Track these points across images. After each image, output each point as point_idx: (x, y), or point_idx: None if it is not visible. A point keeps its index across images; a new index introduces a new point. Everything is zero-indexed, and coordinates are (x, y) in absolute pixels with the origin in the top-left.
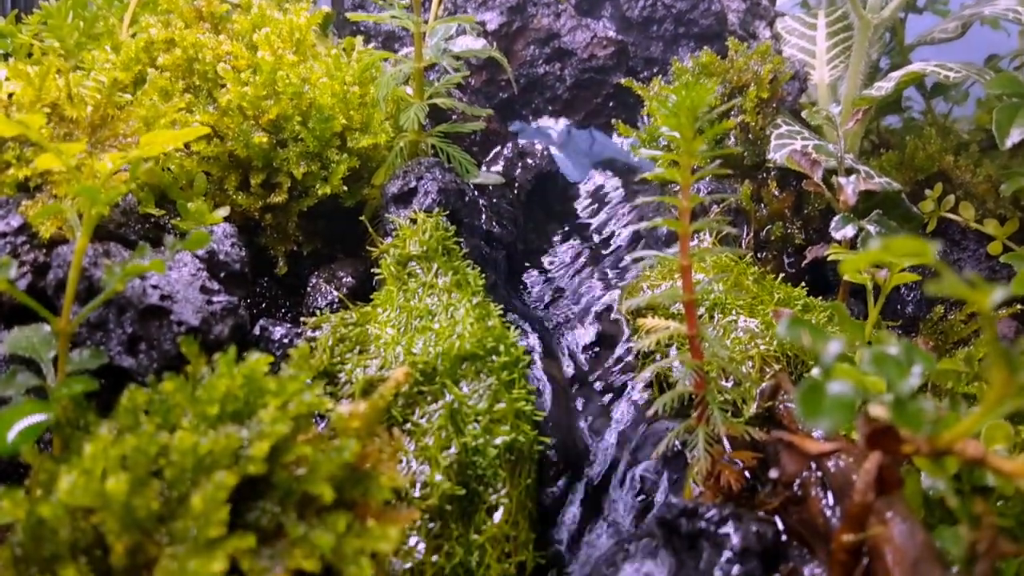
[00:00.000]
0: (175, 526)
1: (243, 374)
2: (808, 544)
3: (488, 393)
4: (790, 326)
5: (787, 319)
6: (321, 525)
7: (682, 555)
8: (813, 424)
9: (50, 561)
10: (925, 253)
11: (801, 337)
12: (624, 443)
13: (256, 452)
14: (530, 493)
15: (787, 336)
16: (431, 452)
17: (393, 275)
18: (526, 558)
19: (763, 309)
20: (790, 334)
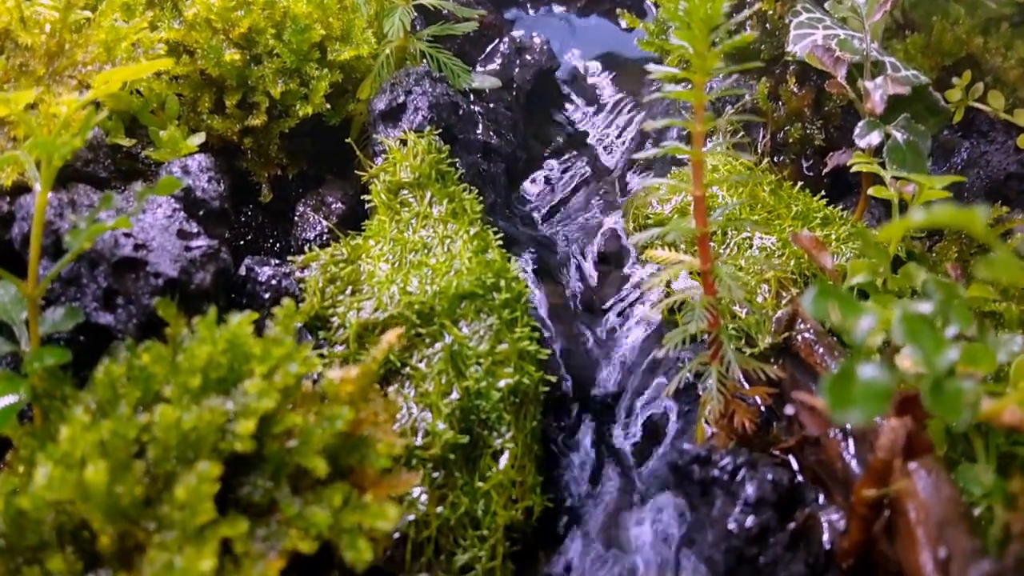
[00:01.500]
0: (162, 511)
1: (225, 338)
2: (825, 486)
3: (489, 334)
4: (816, 300)
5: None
6: (316, 501)
7: (694, 501)
8: (842, 417)
9: (36, 550)
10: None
11: (829, 312)
12: (631, 372)
13: (242, 430)
14: (536, 436)
15: (813, 311)
16: (432, 399)
17: (384, 204)
18: (533, 503)
19: (780, 224)
20: (816, 308)
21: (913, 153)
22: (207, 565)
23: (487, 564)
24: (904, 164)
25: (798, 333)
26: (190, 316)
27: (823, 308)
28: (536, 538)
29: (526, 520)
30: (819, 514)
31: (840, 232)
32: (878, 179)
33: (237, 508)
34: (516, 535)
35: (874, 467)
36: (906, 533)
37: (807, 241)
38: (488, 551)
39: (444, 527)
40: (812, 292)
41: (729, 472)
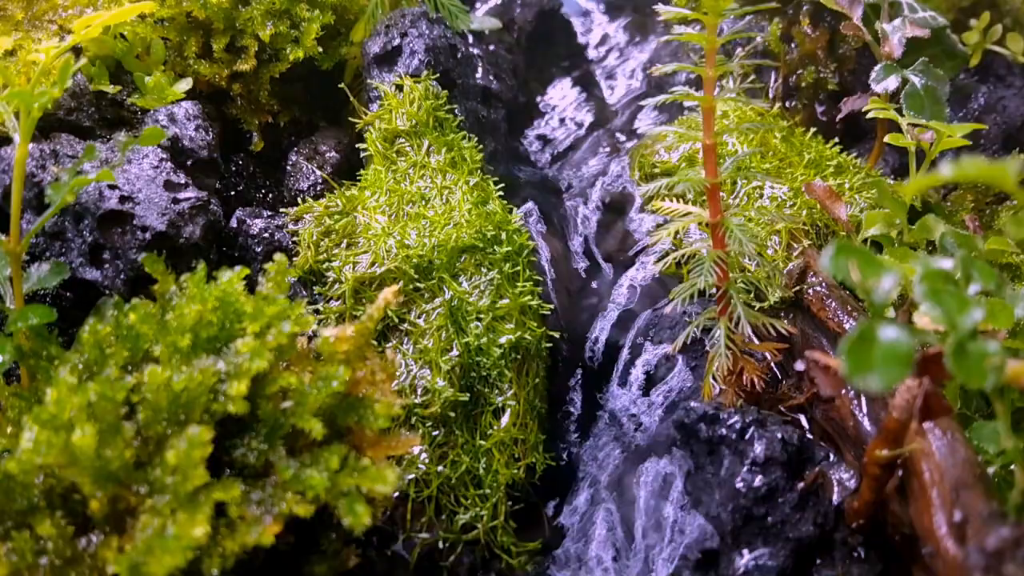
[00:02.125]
0: (154, 475)
1: (216, 296)
2: (835, 444)
3: (490, 288)
4: (836, 257)
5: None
6: (313, 463)
7: (700, 459)
8: (862, 383)
9: (25, 514)
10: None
11: (848, 270)
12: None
13: (235, 391)
14: (538, 392)
15: (831, 269)
16: (431, 355)
17: (380, 153)
18: (536, 461)
19: (791, 173)
20: (835, 266)
21: (931, 99)
22: (200, 531)
23: (489, 523)
24: (922, 110)
25: (809, 287)
26: (179, 271)
27: (842, 265)
28: (538, 496)
29: (528, 478)
30: (829, 473)
31: (854, 181)
32: (894, 126)
33: (231, 470)
34: (518, 493)
35: (888, 427)
36: (920, 495)
37: (821, 191)
38: (489, 510)
39: (445, 486)
40: (831, 249)
41: (737, 431)
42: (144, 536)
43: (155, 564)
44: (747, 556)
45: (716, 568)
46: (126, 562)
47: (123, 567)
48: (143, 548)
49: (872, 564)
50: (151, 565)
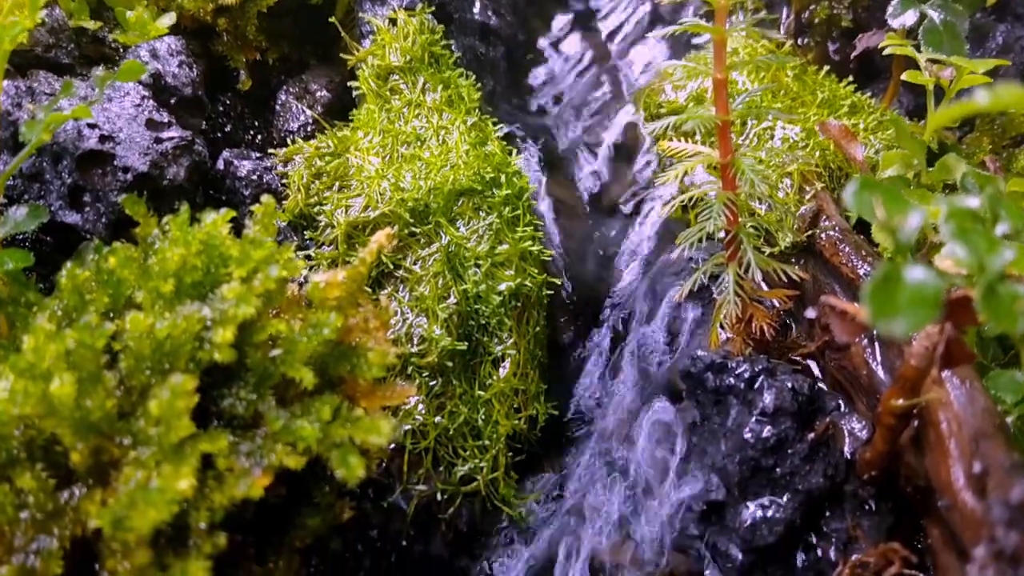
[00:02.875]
0: (137, 425)
1: (199, 239)
2: (847, 393)
3: (489, 233)
4: (859, 193)
5: (855, 184)
6: (304, 413)
7: (707, 409)
8: (887, 327)
9: (4, 466)
10: None
11: (872, 207)
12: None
13: (221, 339)
14: (539, 341)
15: (854, 205)
16: (427, 303)
17: (373, 91)
18: (537, 411)
19: (804, 112)
20: (858, 203)
21: (950, 35)
22: (184, 484)
23: (488, 475)
24: (941, 46)
25: (822, 231)
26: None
27: (865, 202)
28: (540, 446)
29: (529, 429)
30: (840, 423)
31: (869, 121)
32: (911, 63)
33: (219, 421)
34: (519, 445)
35: (905, 375)
36: (937, 445)
37: (836, 131)
38: (489, 461)
39: (443, 437)
40: (853, 184)
41: (746, 380)
42: (127, 489)
43: (138, 518)
44: (754, 508)
45: (722, 520)
46: (109, 516)
47: (105, 521)
48: (126, 501)
49: (883, 516)
50: (134, 519)
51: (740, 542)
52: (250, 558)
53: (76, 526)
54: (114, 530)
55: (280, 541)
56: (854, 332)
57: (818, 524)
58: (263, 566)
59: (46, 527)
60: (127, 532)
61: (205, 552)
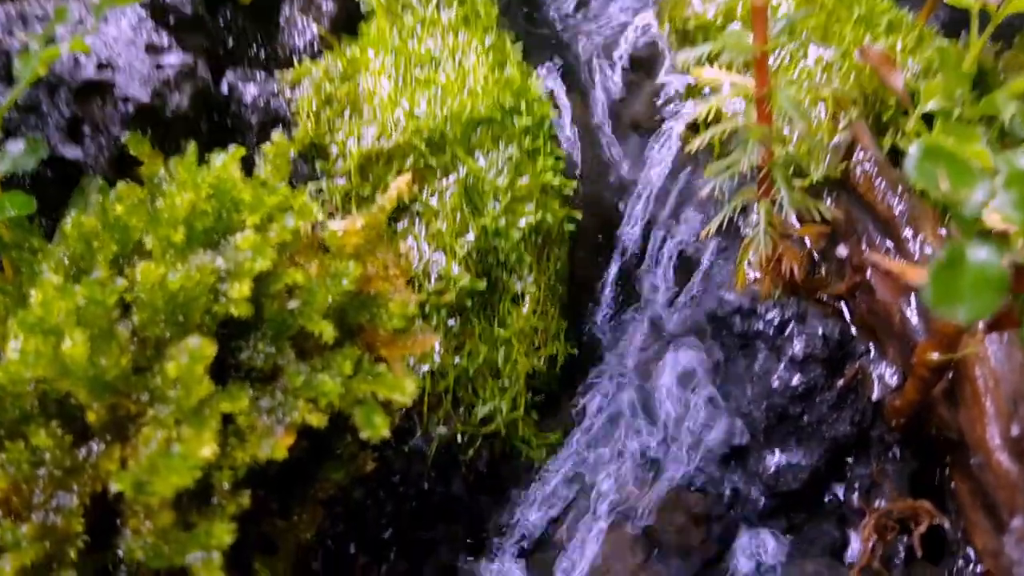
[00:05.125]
0: (154, 382)
1: (210, 183)
2: (877, 338)
3: (509, 165)
4: (922, 161)
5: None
6: (325, 367)
7: (732, 352)
8: (949, 313)
9: (18, 423)
10: None
11: (935, 178)
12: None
13: (237, 294)
14: (560, 277)
15: (916, 175)
16: (445, 239)
17: (383, 6)
18: (557, 350)
19: (839, 30)
20: (921, 173)
21: None
22: (208, 451)
23: (508, 415)
24: None
25: (856, 164)
26: (167, 146)
27: (929, 172)
28: (560, 386)
29: (549, 369)
30: (869, 368)
31: (907, 41)
32: None
33: (237, 373)
34: (538, 384)
35: (943, 330)
36: (972, 402)
37: (876, 57)
38: (509, 401)
39: (462, 378)
40: (916, 151)
41: (775, 326)
42: (147, 452)
43: (160, 483)
44: (778, 455)
45: (745, 464)
46: (130, 480)
47: (127, 484)
48: (147, 466)
49: (907, 462)
50: (156, 484)
51: (763, 487)
52: (273, 512)
53: (96, 482)
54: (136, 494)
55: (303, 494)
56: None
57: (842, 469)
58: (287, 519)
59: (65, 484)
60: (149, 496)
61: (229, 512)
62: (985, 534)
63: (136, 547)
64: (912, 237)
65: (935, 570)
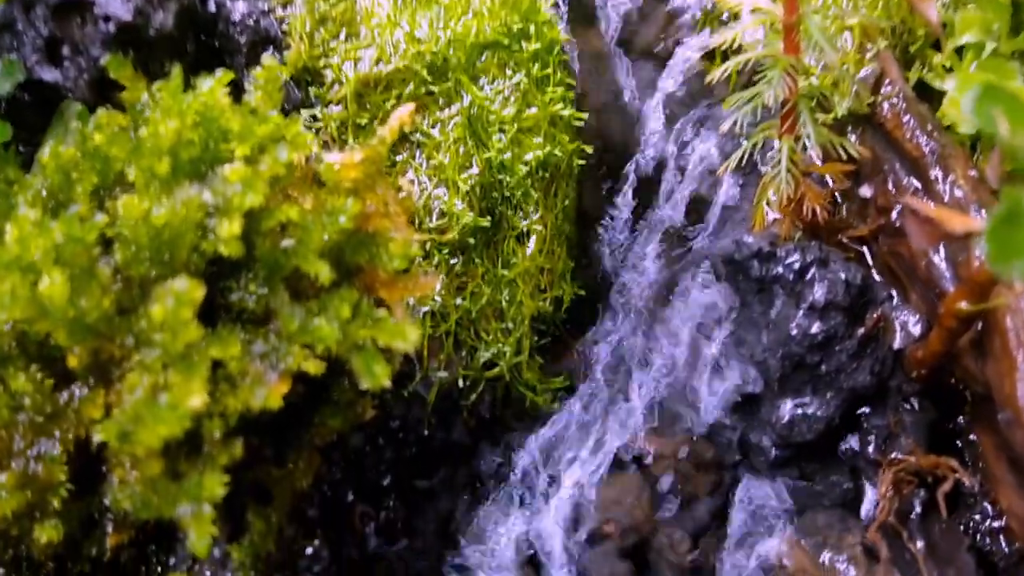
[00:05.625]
0: (139, 325)
1: (196, 110)
2: (900, 282)
3: (516, 94)
4: (980, 102)
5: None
6: (321, 310)
7: (747, 297)
8: (1007, 272)
9: None
10: None
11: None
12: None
13: (226, 233)
14: (567, 215)
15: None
16: (447, 173)
17: None
18: (563, 292)
19: None
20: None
21: None
22: (197, 401)
23: (512, 359)
24: None
25: (884, 99)
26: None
27: (987, 113)
28: (566, 328)
29: (555, 311)
30: (891, 315)
31: None
32: None
33: (228, 315)
34: (544, 326)
35: (975, 279)
36: (1002, 355)
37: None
38: (513, 345)
39: (464, 320)
40: (974, 92)
41: (796, 271)
42: (133, 400)
43: (147, 434)
44: (793, 404)
45: (757, 413)
46: (114, 429)
47: (111, 434)
48: (132, 415)
49: (926, 412)
50: (142, 434)
51: (776, 437)
52: (267, 460)
53: (79, 429)
54: (121, 444)
55: (298, 441)
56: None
57: (858, 420)
58: (282, 467)
59: (46, 430)
60: (135, 446)
61: (220, 463)
62: (1010, 491)
63: (123, 497)
64: (942, 178)
65: (950, 523)
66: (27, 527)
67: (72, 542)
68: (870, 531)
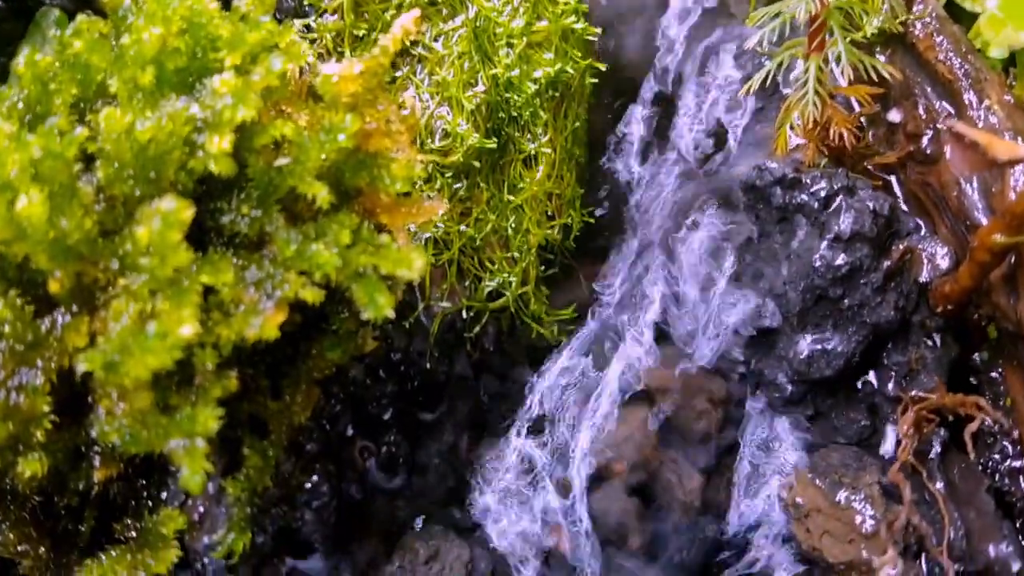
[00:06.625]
0: (124, 248)
1: (181, 16)
2: (928, 213)
3: (525, 6)
4: None
5: None
6: (319, 235)
7: (767, 226)
8: None
9: None
10: None
11: None
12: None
13: (216, 148)
14: (578, 138)
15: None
16: (451, 91)
17: None
18: (572, 219)
19: None
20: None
21: None
22: (188, 331)
23: (518, 289)
24: None
25: (917, 19)
26: None
27: None
28: (574, 257)
29: (563, 239)
30: (918, 247)
31: None
32: None
33: (219, 239)
34: (551, 255)
35: (1013, 210)
36: None
37: None
38: (519, 275)
39: (468, 248)
40: None
41: (822, 200)
42: (119, 328)
43: (134, 365)
44: (811, 339)
45: (773, 348)
46: (100, 359)
47: (96, 365)
48: (119, 344)
49: (948, 348)
50: (129, 366)
51: (792, 373)
52: (263, 392)
53: (62, 357)
54: (107, 374)
55: (296, 373)
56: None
57: (879, 356)
58: (279, 400)
59: (27, 359)
60: (121, 378)
61: (213, 396)
62: None
63: (110, 430)
64: (976, 103)
65: (970, 463)
66: (10, 460)
67: (58, 475)
68: (891, 472)
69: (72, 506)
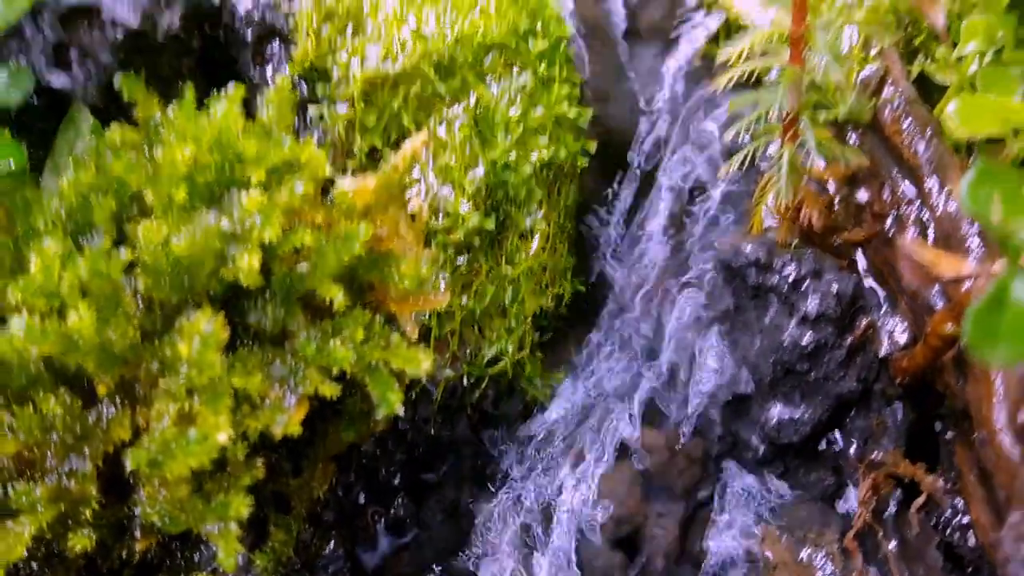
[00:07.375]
0: (164, 352)
1: (211, 137)
2: (890, 288)
3: (522, 94)
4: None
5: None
6: (336, 332)
7: (742, 300)
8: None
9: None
10: None
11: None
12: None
13: (247, 266)
14: (570, 213)
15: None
16: (454, 174)
17: None
18: (564, 289)
19: None
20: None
21: None
22: (223, 437)
23: (515, 356)
24: None
25: (885, 103)
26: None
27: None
28: (567, 323)
29: (556, 307)
30: (879, 322)
31: None
32: None
33: (246, 333)
34: (545, 322)
35: (962, 303)
36: (982, 378)
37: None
38: (515, 342)
39: (469, 319)
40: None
41: (790, 283)
42: (161, 429)
43: (176, 465)
44: (781, 408)
45: (747, 412)
46: (144, 457)
47: (141, 462)
48: (161, 445)
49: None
50: (171, 465)
51: (763, 436)
52: (286, 473)
53: (108, 444)
54: (150, 470)
55: (315, 453)
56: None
57: (842, 420)
58: (299, 477)
59: (76, 448)
60: (164, 473)
61: (244, 484)
62: (978, 504)
63: (152, 512)
64: (938, 188)
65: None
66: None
67: (103, 546)
68: (847, 539)
69: (114, 569)
